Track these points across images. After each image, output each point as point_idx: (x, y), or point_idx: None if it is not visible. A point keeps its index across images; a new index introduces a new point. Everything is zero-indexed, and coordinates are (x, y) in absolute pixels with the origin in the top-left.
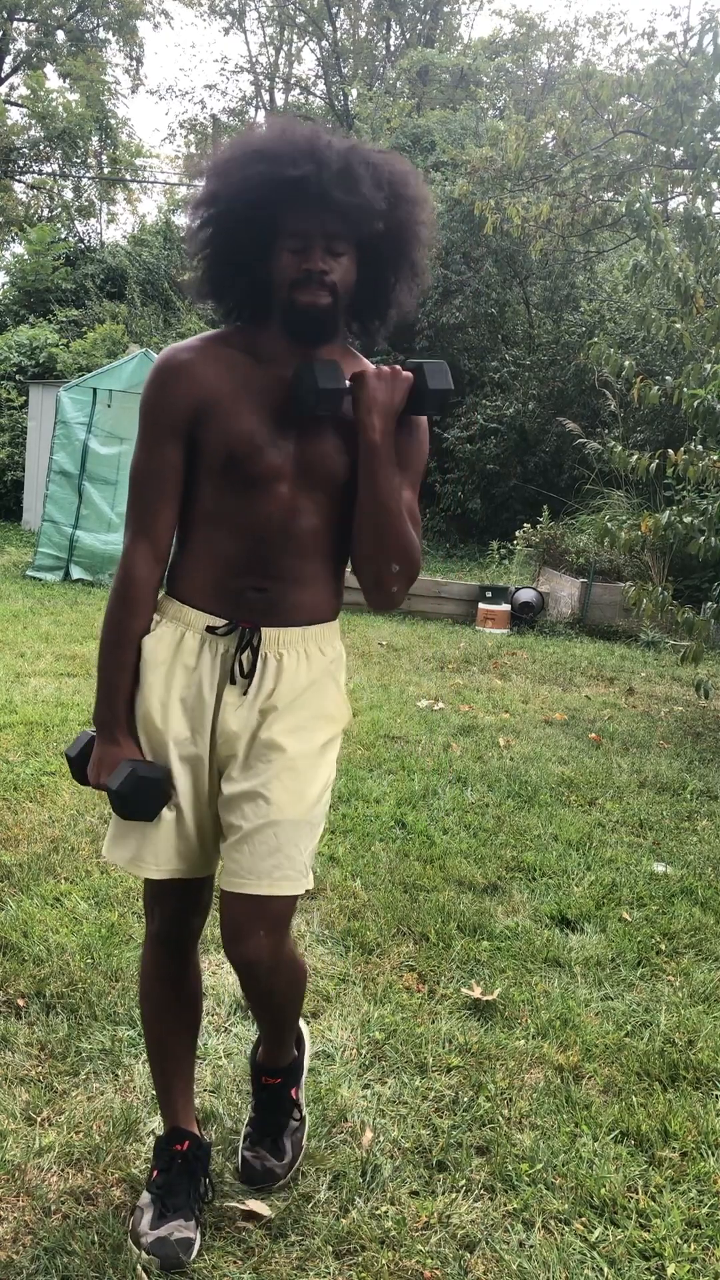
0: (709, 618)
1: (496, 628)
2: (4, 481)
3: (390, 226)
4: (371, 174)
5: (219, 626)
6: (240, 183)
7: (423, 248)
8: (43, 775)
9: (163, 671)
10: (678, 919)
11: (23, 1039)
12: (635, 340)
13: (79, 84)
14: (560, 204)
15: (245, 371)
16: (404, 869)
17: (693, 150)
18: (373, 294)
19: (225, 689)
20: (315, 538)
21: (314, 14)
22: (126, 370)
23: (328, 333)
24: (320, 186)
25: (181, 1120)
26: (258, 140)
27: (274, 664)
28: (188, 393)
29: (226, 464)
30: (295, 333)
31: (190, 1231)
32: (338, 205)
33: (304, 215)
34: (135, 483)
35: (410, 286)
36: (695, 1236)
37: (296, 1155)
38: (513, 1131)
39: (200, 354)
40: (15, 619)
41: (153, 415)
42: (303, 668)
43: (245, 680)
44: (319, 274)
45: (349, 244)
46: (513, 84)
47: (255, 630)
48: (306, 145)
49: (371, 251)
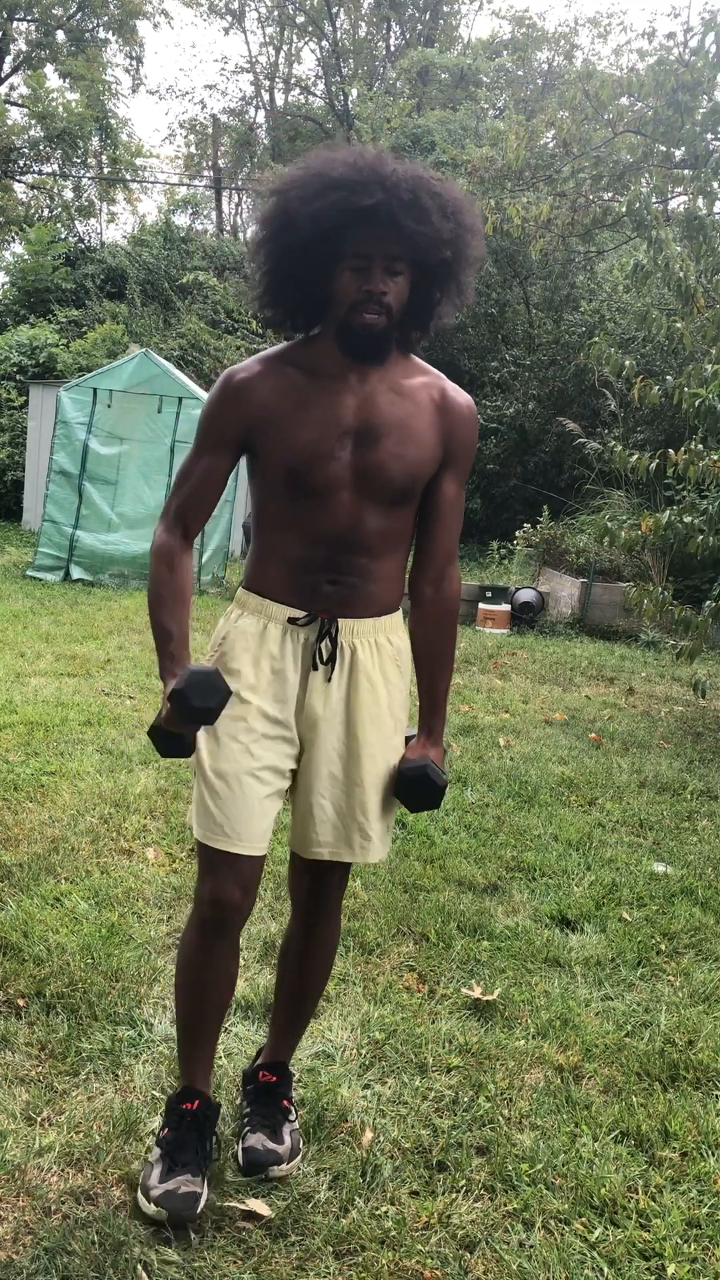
0: (708, 617)
1: (496, 628)
2: (4, 481)
3: (452, 253)
4: (438, 204)
5: (299, 618)
6: (317, 211)
7: (472, 272)
8: (43, 775)
9: (249, 658)
10: (678, 919)
11: (23, 1039)
12: (635, 340)
13: (79, 84)
14: (560, 204)
15: (301, 387)
16: (404, 869)
17: (693, 150)
18: (419, 309)
19: (309, 675)
20: (381, 538)
21: (314, 14)
22: (127, 370)
23: (382, 354)
24: (390, 214)
25: (197, 1082)
26: (332, 170)
27: (349, 653)
28: (241, 414)
29: (288, 477)
30: (351, 351)
31: (197, 1186)
32: (408, 234)
33: (369, 239)
34: (179, 480)
35: (454, 303)
36: (695, 1236)
37: (296, 1148)
38: (513, 1131)
39: (258, 376)
40: (15, 619)
41: (205, 428)
42: (374, 657)
43: (326, 667)
44: (379, 295)
45: (406, 264)
46: (513, 84)
47: (333, 621)
48: (376, 175)
49: (426, 273)
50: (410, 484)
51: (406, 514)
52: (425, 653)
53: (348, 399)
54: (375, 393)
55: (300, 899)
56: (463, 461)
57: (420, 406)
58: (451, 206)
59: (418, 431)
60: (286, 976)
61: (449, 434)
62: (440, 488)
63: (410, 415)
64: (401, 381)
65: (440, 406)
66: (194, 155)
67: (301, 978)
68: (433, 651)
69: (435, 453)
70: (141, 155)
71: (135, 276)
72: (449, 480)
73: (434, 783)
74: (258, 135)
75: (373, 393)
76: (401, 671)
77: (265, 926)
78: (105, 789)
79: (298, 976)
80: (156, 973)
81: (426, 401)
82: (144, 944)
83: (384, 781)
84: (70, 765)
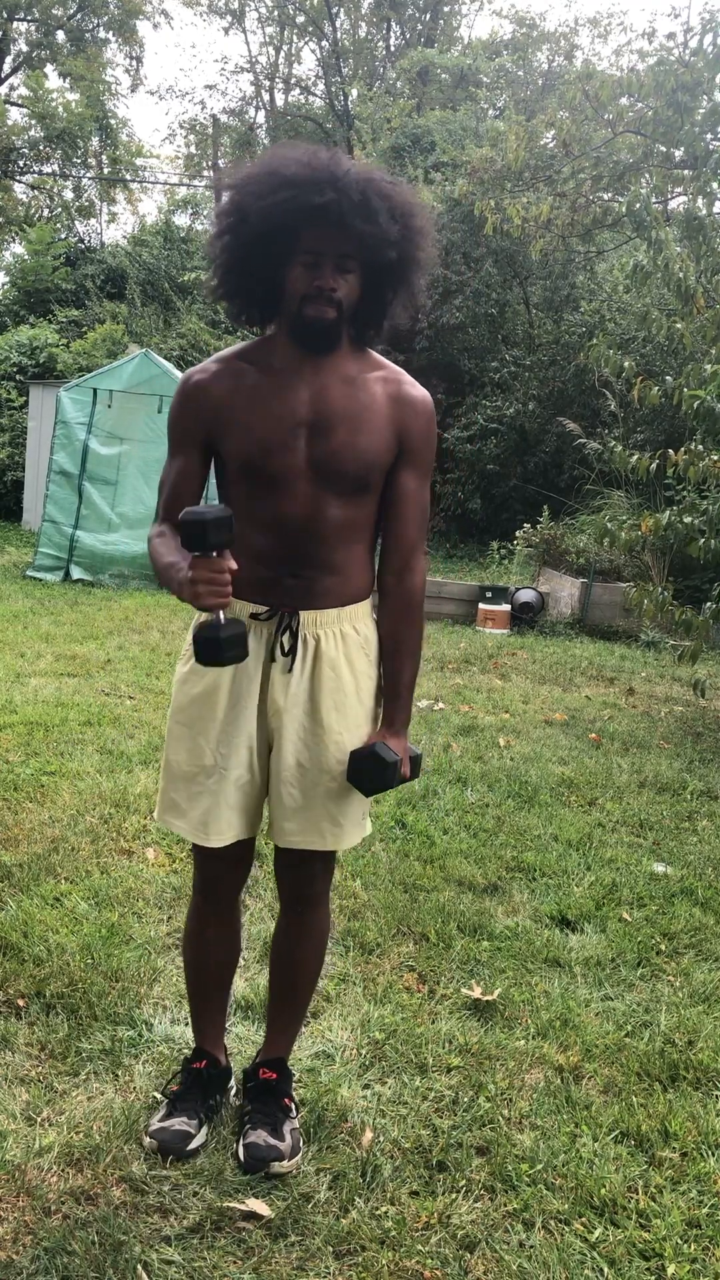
0: (708, 618)
1: (496, 628)
2: (4, 481)
3: (399, 255)
4: (387, 206)
5: (261, 613)
6: (268, 207)
7: (422, 274)
8: (43, 775)
9: None
10: (678, 919)
11: (23, 1039)
12: (635, 340)
13: (79, 84)
14: (560, 204)
15: (256, 383)
16: (404, 869)
17: (693, 150)
18: (372, 309)
19: (271, 668)
20: (340, 528)
21: (314, 14)
22: (127, 370)
23: (331, 343)
24: (340, 213)
25: (206, 1044)
26: (286, 169)
27: (312, 644)
28: (200, 413)
29: (245, 469)
30: (302, 342)
31: (191, 1128)
32: (356, 234)
33: (320, 236)
34: (161, 483)
35: (406, 304)
36: (695, 1236)
37: (296, 1146)
38: (513, 1132)
39: (213, 375)
40: (15, 619)
41: (170, 429)
42: (339, 646)
43: (286, 659)
44: (328, 290)
45: (356, 263)
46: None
47: (294, 614)
48: (329, 175)
49: (376, 272)
50: (365, 473)
51: (366, 504)
52: (389, 642)
53: (301, 392)
54: (328, 385)
55: (285, 889)
56: (420, 454)
57: (374, 398)
58: (401, 209)
59: (371, 423)
60: (277, 967)
61: (404, 427)
62: (399, 481)
63: (364, 407)
64: (356, 375)
65: (395, 399)
66: (194, 155)
67: (291, 967)
68: (396, 641)
69: (389, 444)
70: (141, 155)
71: (135, 276)
72: (407, 474)
73: (382, 759)
74: (258, 135)
75: (326, 386)
76: (370, 659)
77: (265, 926)
78: (105, 789)
79: (288, 966)
80: (156, 973)
81: (381, 394)
82: (144, 944)
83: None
84: (70, 765)
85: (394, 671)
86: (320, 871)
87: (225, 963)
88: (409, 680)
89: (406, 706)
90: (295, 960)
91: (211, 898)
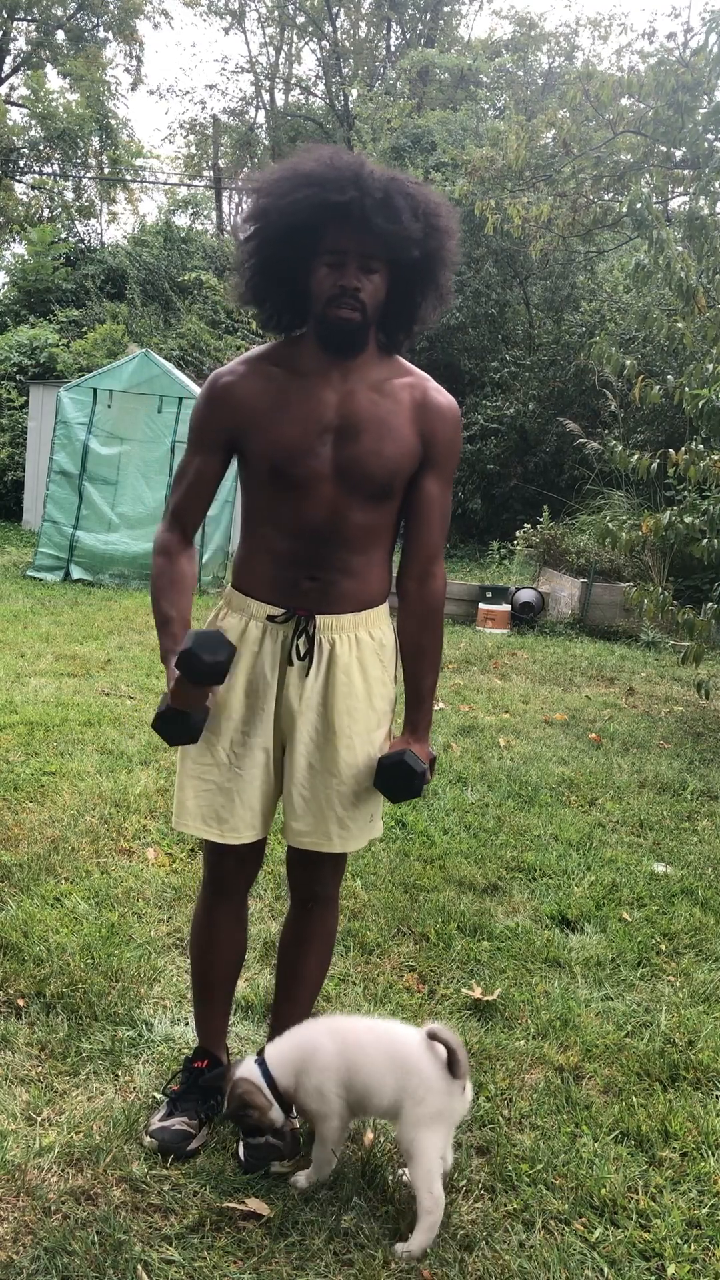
0: (709, 618)
1: (497, 628)
2: (4, 481)
3: (422, 253)
4: (410, 204)
5: (278, 615)
6: (289, 205)
7: (449, 273)
8: (43, 775)
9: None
10: (678, 919)
11: (23, 1039)
12: (636, 340)
13: (79, 84)
14: (561, 204)
15: (283, 385)
16: (404, 869)
17: (694, 150)
18: (400, 311)
19: (286, 671)
20: (362, 532)
21: (314, 14)
22: (127, 370)
23: (357, 345)
24: (363, 212)
25: (209, 1043)
26: (307, 166)
27: (327, 648)
28: (227, 414)
29: (271, 473)
30: (327, 345)
31: (191, 1128)
32: (379, 232)
33: (344, 235)
34: (176, 479)
35: (434, 305)
36: (695, 1237)
37: (296, 1145)
38: (513, 1132)
39: (241, 376)
40: (15, 619)
41: (195, 429)
42: (353, 651)
43: (302, 662)
44: (352, 290)
45: (381, 264)
46: (513, 84)
47: (310, 618)
48: (351, 174)
49: (402, 273)
50: (389, 479)
51: (388, 510)
52: (410, 648)
53: (328, 396)
54: (356, 391)
55: (295, 888)
56: (445, 461)
57: (400, 405)
58: (424, 208)
59: (396, 429)
60: (284, 965)
61: (430, 434)
62: (423, 487)
63: (390, 413)
64: (383, 381)
65: (421, 405)
66: (194, 155)
67: (298, 966)
68: (417, 647)
69: (414, 450)
70: (141, 155)
71: (135, 276)
72: (431, 480)
73: (411, 769)
74: (258, 135)
75: (353, 391)
76: (384, 665)
77: (265, 927)
78: (105, 789)
79: (294, 965)
80: (156, 973)
81: (407, 401)
82: (144, 944)
83: (362, 772)
84: (70, 765)
85: (415, 677)
86: (330, 872)
87: (232, 961)
88: (430, 686)
89: (428, 712)
90: (302, 959)
91: (221, 895)
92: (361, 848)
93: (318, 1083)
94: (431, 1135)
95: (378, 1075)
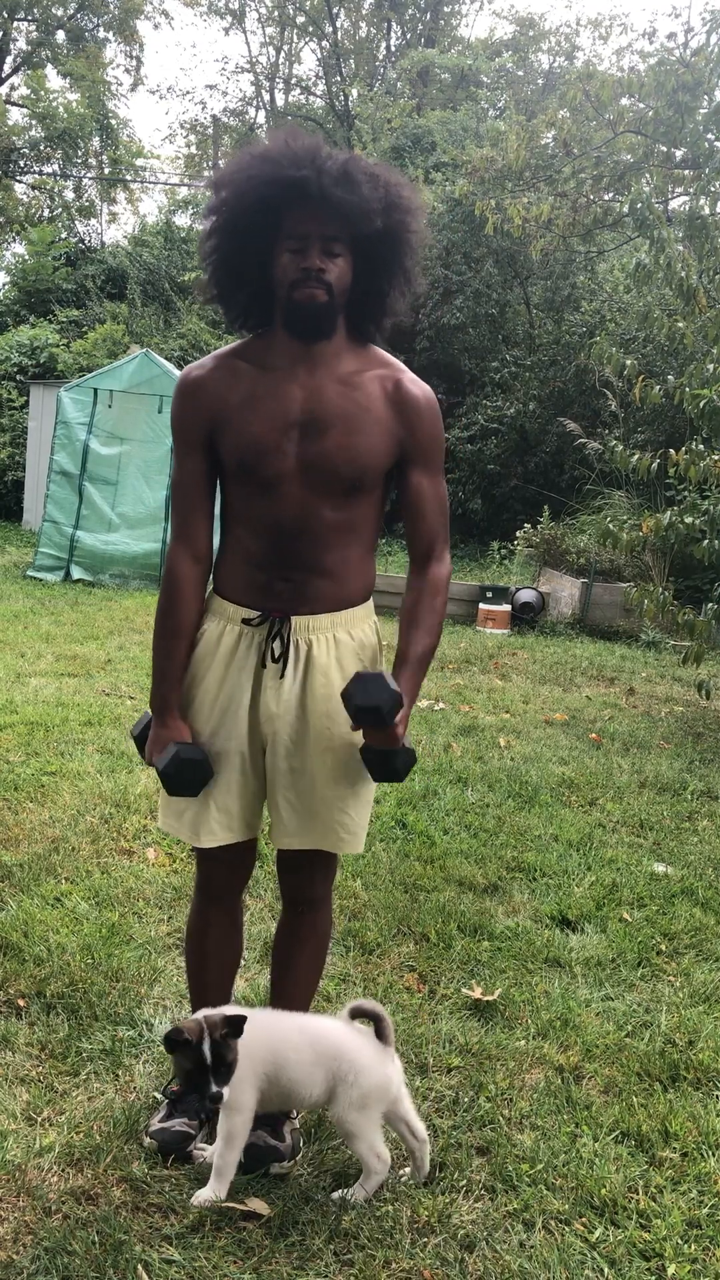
0: (710, 618)
1: (497, 628)
2: (4, 481)
3: (385, 230)
4: (369, 179)
5: (253, 618)
6: (244, 183)
7: (414, 255)
8: (43, 775)
9: (208, 664)
10: (678, 919)
11: (23, 1039)
12: (636, 340)
13: (79, 84)
14: (561, 204)
15: (252, 382)
16: (404, 869)
17: (694, 150)
18: (367, 298)
19: (262, 674)
20: (334, 530)
21: (314, 14)
22: (127, 371)
23: (325, 329)
24: (320, 187)
25: None
26: (262, 147)
27: (304, 649)
28: (201, 409)
29: (239, 469)
30: (294, 329)
31: (191, 1129)
32: (336, 204)
33: (303, 217)
34: (173, 492)
35: (403, 292)
36: (696, 1237)
37: (296, 1147)
38: (513, 1132)
39: (210, 371)
40: (15, 619)
41: (177, 430)
42: (331, 652)
43: (276, 665)
44: (316, 272)
45: (345, 246)
46: (513, 84)
47: (285, 620)
48: (307, 152)
49: (366, 256)
50: (358, 475)
51: (363, 505)
52: (407, 616)
53: (295, 391)
54: (323, 385)
55: (286, 891)
56: (428, 452)
57: (371, 398)
58: (384, 182)
59: (366, 423)
60: (278, 967)
61: (408, 427)
62: (410, 481)
63: (360, 408)
64: (354, 374)
65: (394, 398)
66: (194, 155)
67: (292, 968)
68: (413, 615)
69: (386, 446)
70: (142, 155)
71: (136, 277)
72: (417, 473)
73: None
74: (258, 135)
75: (321, 386)
76: (365, 665)
77: (265, 927)
78: (105, 789)
79: (288, 967)
80: (157, 973)
81: (379, 393)
82: (144, 944)
83: (343, 773)
84: (70, 765)
85: (407, 640)
86: (319, 874)
87: (227, 963)
88: (421, 653)
89: (414, 679)
90: (296, 961)
91: (212, 898)
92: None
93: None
94: (368, 1114)
95: (305, 1071)
